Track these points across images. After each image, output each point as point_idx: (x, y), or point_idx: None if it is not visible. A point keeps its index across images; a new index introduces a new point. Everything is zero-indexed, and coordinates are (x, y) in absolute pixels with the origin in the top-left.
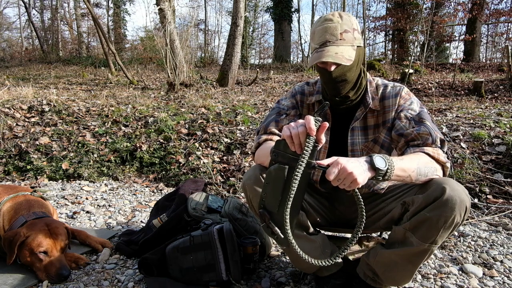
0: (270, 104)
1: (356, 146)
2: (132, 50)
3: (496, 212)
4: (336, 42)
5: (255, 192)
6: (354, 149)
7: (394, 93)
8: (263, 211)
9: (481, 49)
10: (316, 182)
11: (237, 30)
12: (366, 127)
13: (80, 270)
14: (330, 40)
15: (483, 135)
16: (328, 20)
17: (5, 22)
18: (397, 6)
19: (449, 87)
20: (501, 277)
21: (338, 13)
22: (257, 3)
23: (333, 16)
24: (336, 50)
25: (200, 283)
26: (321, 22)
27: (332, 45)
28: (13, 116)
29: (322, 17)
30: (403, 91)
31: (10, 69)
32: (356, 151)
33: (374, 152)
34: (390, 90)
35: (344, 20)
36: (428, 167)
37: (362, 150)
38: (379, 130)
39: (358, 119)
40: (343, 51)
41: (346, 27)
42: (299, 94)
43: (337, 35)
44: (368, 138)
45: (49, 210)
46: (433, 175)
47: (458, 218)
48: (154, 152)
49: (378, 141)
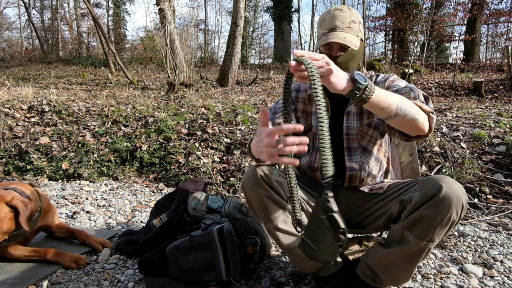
0: (270, 104)
1: (351, 130)
2: (132, 50)
3: (496, 212)
4: (345, 29)
5: (254, 192)
6: (349, 132)
7: (384, 79)
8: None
9: (481, 49)
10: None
11: (237, 30)
12: (361, 112)
13: (80, 270)
14: (339, 27)
15: (483, 135)
16: (338, 10)
17: (5, 22)
18: (397, 6)
19: (449, 87)
20: (501, 277)
21: (346, 6)
22: (257, 3)
23: (342, 7)
24: (345, 35)
25: (200, 283)
26: (331, 11)
27: (341, 31)
28: (13, 116)
29: (332, 7)
30: (392, 76)
31: (10, 69)
32: (351, 135)
33: (369, 135)
34: (381, 77)
35: (353, 12)
36: (410, 106)
37: (357, 134)
38: (373, 114)
39: (353, 103)
40: (351, 38)
41: (354, 18)
42: (294, 91)
43: (346, 23)
44: (363, 122)
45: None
46: (414, 117)
47: (454, 216)
48: (154, 152)
49: (371, 125)
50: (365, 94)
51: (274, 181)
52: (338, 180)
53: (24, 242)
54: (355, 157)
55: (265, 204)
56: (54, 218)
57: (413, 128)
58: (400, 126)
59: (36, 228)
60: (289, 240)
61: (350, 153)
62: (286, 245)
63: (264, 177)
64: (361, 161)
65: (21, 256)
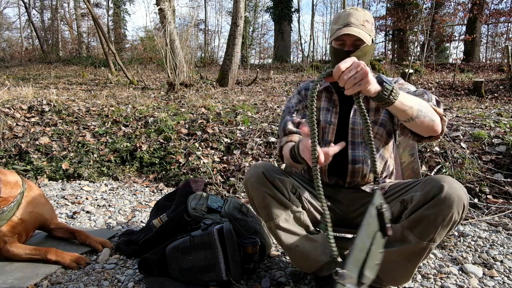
0: (270, 104)
1: (357, 126)
2: (132, 50)
3: (496, 212)
4: (359, 26)
5: (257, 190)
6: (354, 127)
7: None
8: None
9: (481, 49)
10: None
11: (237, 30)
12: (368, 110)
13: (80, 270)
14: (354, 23)
15: (483, 135)
16: (353, 9)
17: (5, 22)
18: (397, 6)
19: (449, 87)
20: (501, 277)
21: (361, 8)
22: (257, 3)
23: (357, 8)
24: (359, 31)
25: (200, 283)
26: (346, 10)
27: (355, 27)
28: (13, 116)
29: (348, 7)
30: (400, 79)
31: (10, 69)
32: (356, 130)
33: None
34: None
35: (367, 13)
36: (428, 109)
37: (362, 130)
38: (379, 113)
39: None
40: (364, 34)
41: (368, 18)
42: (304, 90)
43: (360, 21)
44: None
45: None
46: (432, 119)
47: (456, 216)
48: (154, 152)
49: (377, 122)
50: (391, 97)
51: (277, 179)
52: (340, 179)
53: (21, 238)
54: (358, 151)
55: (267, 202)
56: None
57: (428, 130)
58: (417, 127)
59: (32, 224)
60: (290, 239)
61: (354, 147)
62: (287, 244)
63: (267, 175)
64: (364, 155)
65: (22, 254)
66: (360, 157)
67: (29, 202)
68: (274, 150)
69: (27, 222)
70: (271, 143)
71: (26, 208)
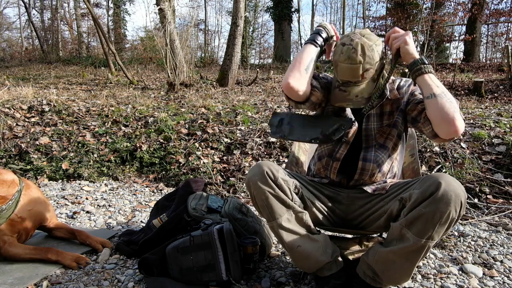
0: (270, 104)
1: (371, 132)
2: (132, 50)
3: (496, 212)
4: (357, 82)
5: (259, 190)
6: (368, 134)
7: (408, 83)
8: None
9: (481, 49)
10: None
11: (237, 30)
12: (382, 113)
13: (80, 270)
14: (352, 81)
15: (483, 135)
16: (351, 59)
17: (5, 22)
18: (397, 6)
19: (449, 87)
20: (501, 277)
21: (361, 46)
22: (257, 3)
23: (355, 53)
24: (357, 92)
25: (200, 283)
26: (345, 57)
27: (354, 85)
28: (13, 116)
29: (346, 47)
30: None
31: (10, 69)
32: (370, 136)
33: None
34: (404, 81)
35: (367, 57)
36: (452, 99)
37: (376, 133)
38: (393, 116)
39: (374, 107)
40: (363, 91)
41: (368, 65)
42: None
43: (358, 77)
44: (383, 123)
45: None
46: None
47: (453, 213)
48: (154, 152)
49: (390, 125)
50: (423, 67)
51: (280, 179)
52: (344, 178)
53: (21, 238)
54: (371, 152)
55: (270, 202)
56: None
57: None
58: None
59: (32, 222)
60: (292, 238)
61: (367, 150)
62: (288, 244)
63: (270, 174)
64: (375, 155)
65: (22, 253)
66: (372, 156)
67: (27, 200)
68: (274, 150)
69: (27, 220)
70: (271, 143)
71: (25, 206)
